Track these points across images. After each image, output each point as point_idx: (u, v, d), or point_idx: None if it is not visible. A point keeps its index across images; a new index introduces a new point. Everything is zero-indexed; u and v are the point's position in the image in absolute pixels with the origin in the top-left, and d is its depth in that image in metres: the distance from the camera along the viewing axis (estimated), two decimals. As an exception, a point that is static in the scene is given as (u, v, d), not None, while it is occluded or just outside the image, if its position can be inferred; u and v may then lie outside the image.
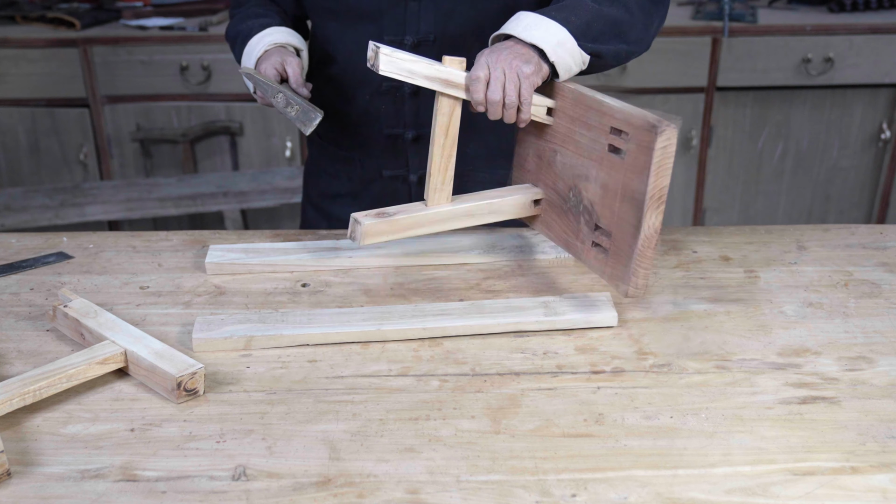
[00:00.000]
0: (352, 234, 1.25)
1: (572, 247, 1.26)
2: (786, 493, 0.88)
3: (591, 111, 1.20)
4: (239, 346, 1.14)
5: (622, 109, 1.14)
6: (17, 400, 0.99)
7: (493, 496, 0.88)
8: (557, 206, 1.28)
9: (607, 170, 1.17)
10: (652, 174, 1.09)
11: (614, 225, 1.16)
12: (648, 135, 1.09)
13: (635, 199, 1.11)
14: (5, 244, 1.43)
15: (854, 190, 3.13)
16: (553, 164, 1.28)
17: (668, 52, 2.90)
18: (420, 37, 1.47)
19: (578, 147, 1.22)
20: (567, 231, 1.26)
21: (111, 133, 3.00)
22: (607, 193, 1.17)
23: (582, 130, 1.21)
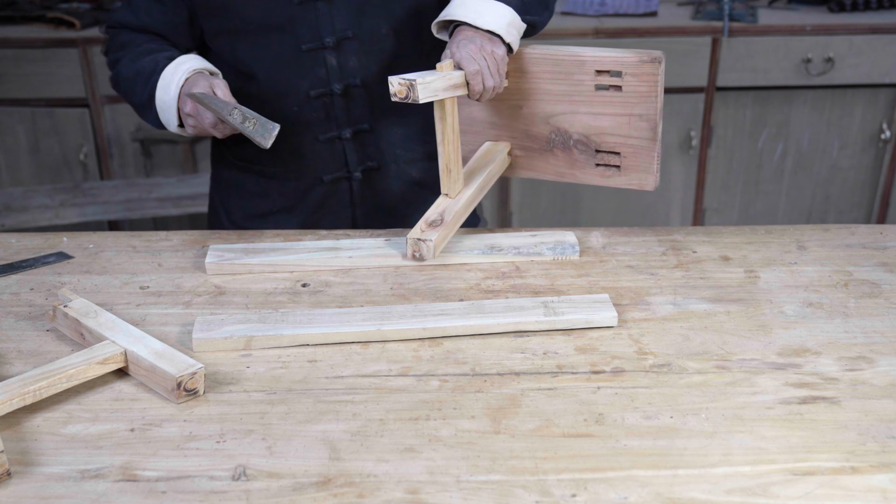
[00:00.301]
0: (417, 254, 1.32)
1: (568, 175, 1.48)
2: (786, 493, 0.88)
3: (563, 63, 1.39)
4: (239, 346, 1.14)
5: (609, 55, 1.37)
6: (17, 400, 0.99)
7: (493, 496, 0.88)
8: (536, 149, 1.47)
9: (601, 105, 1.40)
10: (658, 96, 1.36)
11: (622, 145, 1.42)
12: (650, 66, 1.35)
13: (646, 118, 1.38)
14: (5, 244, 1.43)
15: (854, 190, 3.13)
16: (518, 116, 1.46)
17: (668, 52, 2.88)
18: (339, 35, 1.48)
19: (550, 95, 1.42)
20: (558, 164, 1.47)
21: (111, 133, 3.00)
22: (608, 124, 1.41)
23: (555, 80, 1.41)
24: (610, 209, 3.13)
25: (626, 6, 3.05)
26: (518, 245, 1.38)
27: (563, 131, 1.43)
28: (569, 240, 1.39)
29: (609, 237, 1.45)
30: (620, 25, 2.90)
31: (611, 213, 3.13)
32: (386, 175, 1.60)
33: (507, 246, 1.38)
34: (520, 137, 1.47)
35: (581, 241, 1.43)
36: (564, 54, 1.38)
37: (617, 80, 1.37)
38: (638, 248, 1.41)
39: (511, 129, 1.47)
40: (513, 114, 1.45)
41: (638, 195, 3.10)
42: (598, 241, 1.44)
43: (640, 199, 3.11)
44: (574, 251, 1.37)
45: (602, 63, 1.37)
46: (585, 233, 1.46)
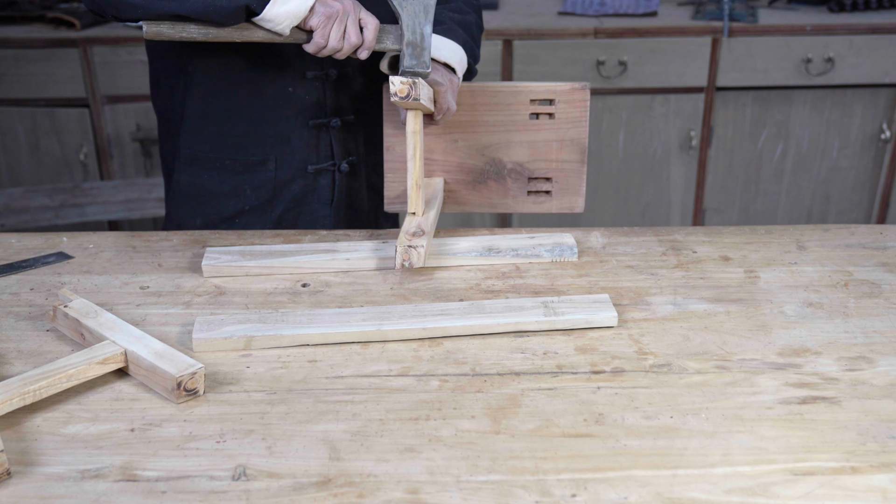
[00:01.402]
0: (406, 262, 1.30)
1: (500, 205, 1.54)
2: (786, 493, 0.88)
3: (500, 95, 1.48)
4: (239, 346, 1.14)
5: (541, 85, 1.49)
6: (17, 400, 0.99)
7: (493, 496, 0.88)
8: (469, 182, 1.52)
9: (534, 133, 1.50)
10: (586, 121, 1.49)
11: (554, 170, 1.52)
12: (580, 93, 1.48)
13: (577, 142, 1.50)
14: (5, 244, 1.43)
15: (854, 190, 3.13)
16: (454, 150, 1.51)
17: (668, 52, 2.90)
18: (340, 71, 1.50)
19: (486, 126, 1.50)
20: (491, 195, 1.53)
21: (111, 133, 3.00)
22: (538, 150, 1.50)
23: (494, 113, 1.49)
24: (610, 209, 3.13)
25: (626, 6, 3.05)
26: (516, 247, 1.38)
27: (497, 161, 1.51)
28: (567, 241, 1.39)
29: (609, 237, 1.45)
30: (620, 25, 2.90)
31: (611, 213, 3.13)
32: (362, 173, 1.61)
33: (506, 248, 1.38)
34: (454, 171, 1.52)
35: (581, 242, 1.43)
36: (501, 87, 1.49)
37: (549, 108, 1.48)
38: (638, 248, 1.41)
39: (446, 163, 1.52)
40: (448, 147, 1.51)
41: (637, 195, 3.10)
42: (598, 242, 1.44)
43: (639, 199, 3.11)
44: (572, 253, 1.37)
45: (536, 92, 1.48)
46: (585, 233, 1.46)
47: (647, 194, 3.10)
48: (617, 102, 2.97)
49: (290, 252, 1.35)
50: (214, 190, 1.53)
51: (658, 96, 2.96)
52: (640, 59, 2.91)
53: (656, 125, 3.00)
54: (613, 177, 3.08)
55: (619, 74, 2.92)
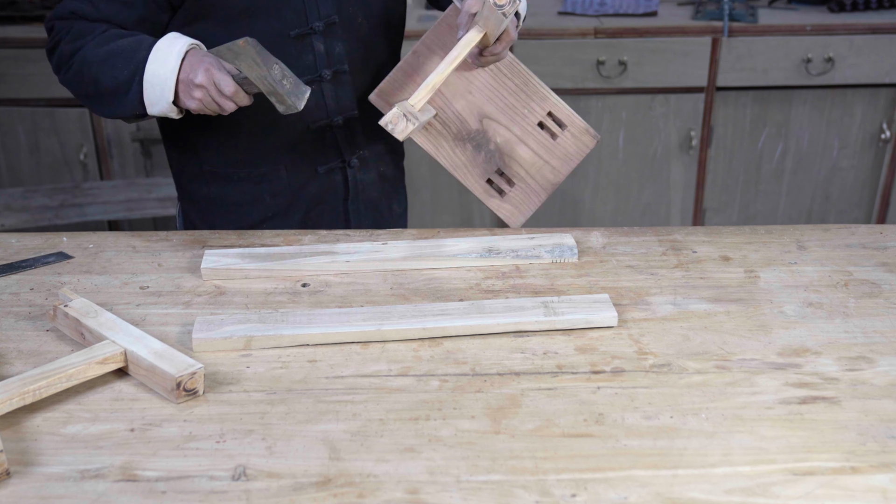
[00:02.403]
0: (391, 125, 1.29)
1: (460, 170, 1.54)
2: (786, 493, 0.88)
3: (530, 87, 1.51)
4: (239, 346, 1.13)
5: (566, 108, 1.52)
6: (17, 400, 0.99)
7: (493, 496, 0.88)
8: (452, 132, 1.52)
9: (531, 138, 1.52)
10: (576, 164, 1.54)
11: (521, 181, 1.54)
12: (588, 138, 1.53)
13: (556, 172, 1.54)
14: (5, 244, 1.43)
15: (854, 190, 3.13)
16: (464, 98, 1.51)
17: (668, 52, 2.90)
18: (325, 19, 1.47)
19: (504, 103, 1.51)
20: (459, 156, 1.53)
21: (111, 133, 3.00)
22: (525, 156, 1.53)
23: (517, 97, 1.51)
24: (610, 209, 3.13)
25: (626, 6, 3.05)
26: (516, 248, 1.38)
27: (486, 135, 1.52)
28: (567, 242, 1.39)
29: (609, 237, 1.45)
30: (620, 25, 2.90)
31: (611, 213, 3.13)
32: (373, 165, 1.63)
33: (506, 249, 1.37)
34: (450, 115, 1.51)
35: (581, 242, 1.43)
36: (536, 82, 1.51)
37: (557, 130, 1.52)
38: (638, 248, 1.41)
39: (447, 103, 1.51)
40: (460, 91, 1.50)
41: (637, 195, 3.10)
42: (598, 242, 1.44)
43: (639, 199, 3.11)
44: (572, 254, 1.37)
45: (559, 111, 1.52)
46: (585, 233, 1.46)
47: (647, 194, 3.10)
48: (617, 102, 2.97)
49: (290, 255, 1.35)
50: (238, 200, 1.58)
51: (658, 96, 2.96)
52: (640, 59, 2.90)
53: (656, 125, 3.00)
54: (613, 177, 3.08)
55: (619, 74, 2.92)
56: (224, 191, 1.57)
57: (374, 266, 1.34)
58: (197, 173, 1.58)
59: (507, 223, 1.53)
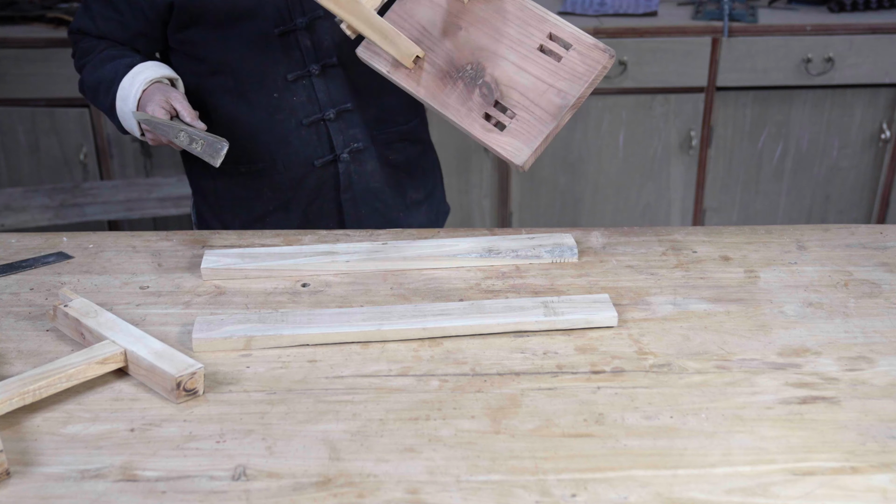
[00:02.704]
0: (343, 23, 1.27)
1: (452, 110, 1.38)
2: (786, 493, 0.88)
3: (525, 12, 1.36)
4: (239, 346, 1.14)
5: (569, 27, 1.34)
6: (17, 400, 0.99)
7: (493, 496, 0.88)
8: (442, 72, 1.39)
9: (531, 63, 1.35)
10: (588, 84, 1.31)
11: (523, 108, 1.35)
12: (599, 53, 1.31)
13: (563, 95, 1.32)
14: (5, 244, 1.43)
15: (854, 190, 3.13)
16: (453, 36, 1.39)
17: (668, 52, 2.90)
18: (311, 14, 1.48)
19: (497, 33, 1.37)
20: (450, 95, 1.38)
21: (111, 133, 3.00)
22: (526, 83, 1.35)
23: (510, 23, 1.37)
24: (610, 209, 3.13)
25: (626, 6, 3.05)
26: (516, 248, 1.38)
27: (480, 67, 1.38)
28: (567, 242, 1.39)
29: (609, 237, 1.45)
30: (620, 25, 2.90)
31: (611, 213, 3.13)
32: (370, 157, 1.62)
33: (506, 249, 1.37)
34: (436, 54, 1.40)
35: (581, 242, 1.43)
36: (532, 6, 1.37)
37: (562, 51, 1.34)
38: (638, 248, 1.41)
39: (437, 43, 1.40)
40: (449, 30, 1.40)
41: (637, 195, 3.10)
42: (598, 242, 1.44)
43: (639, 199, 3.11)
44: (573, 254, 1.37)
45: (560, 30, 1.35)
46: (585, 233, 1.46)
47: (647, 194, 3.10)
48: (617, 102, 2.97)
49: (290, 255, 1.35)
50: (242, 194, 1.61)
51: (658, 96, 2.96)
52: (640, 59, 2.90)
53: (656, 125, 3.00)
54: (613, 177, 3.08)
55: (619, 74, 2.92)
56: (228, 185, 1.62)
57: (374, 266, 1.34)
58: (203, 168, 1.63)
59: (513, 160, 1.32)
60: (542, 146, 1.31)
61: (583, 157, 3.05)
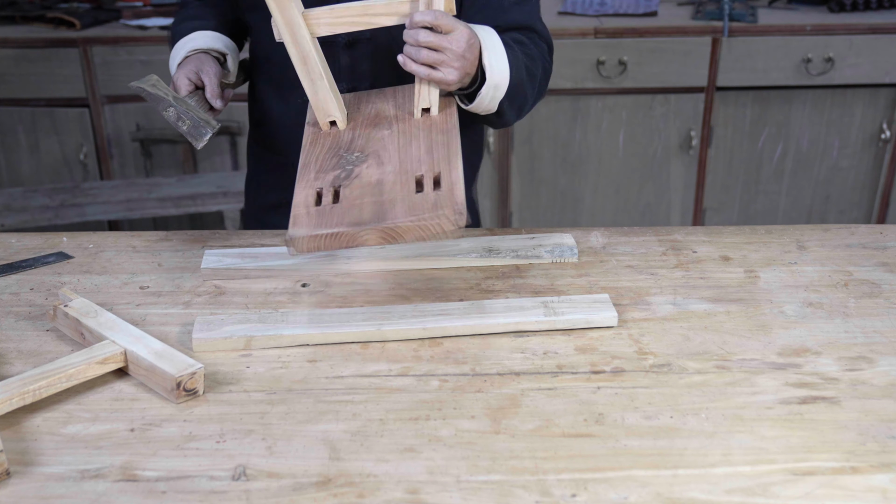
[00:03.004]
0: None
1: (305, 166, 1.25)
2: (786, 493, 0.88)
3: (440, 150, 1.22)
4: (239, 346, 1.13)
5: (459, 180, 1.15)
6: (17, 399, 0.99)
7: (493, 496, 0.88)
8: (336, 143, 1.29)
9: (398, 183, 1.17)
10: (415, 225, 1.09)
11: (347, 202, 1.16)
12: (449, 217, 1.09)
13: (382, 216, 1.12)
14: (5, 244, 1.43)
15: (854, 190, 3.13)
16: (375, 129, 1.30)
17: (668, 52, 2.90)
18: (353, 35, 1.46)
19: (404, 149, 1.24)
20: (317, 156, 1.27)
21: (111, 133, 3.00)
22: (372, 185, 1.18)
23: (421, 145, 1.24)
24: (610, 209, 3.13)
25: (626, 6, 3.05)
26: (516, 248, 1.38)
27: (362, 160, 1.23)
28: (567, 242, 1.39)
29: (609, 237, 1.45)
30: (620, 25, 2.90)
31: (611, 213, 3.13)
32: None
33: (505, 249, 1.38)
34: (347, 133, 1.31)
35: (581, 242, 1.43)
36: (454, 146, 1.22)
37: (429, 188, 1.15)
38: (638, 248, 1.41)
39: (357, 126, 1.32)
40: (379, 123, 1.31)
41: (637, 195, 3.10)
42: (598, 241, 1.44)
43: (639, 199, 3.11)
44: (572, 254, 1.37)
45: (447, 177, 1.17)
46: (585, 233, 1.46)
47: (647, 194, 3.10)
48: (617, 102, 2.97)
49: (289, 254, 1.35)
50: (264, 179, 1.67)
51: (658, 96, 2.96)
52: (640, 59, 2.90)
53: (656, 125, 3.00)
54: (613, 177, 3.08)
55: (619, 74, 2.92)
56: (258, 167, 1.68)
57: (374, 266, 1.34)
58: (251, 142, 1.72)
59: (289, 230, 1.12)
60: (327, 242, 1.10)
61: (583, 157, 3.05)
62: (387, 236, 1.08)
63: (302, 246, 1.09)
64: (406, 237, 1.08)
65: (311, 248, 1.09)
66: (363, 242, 1.08)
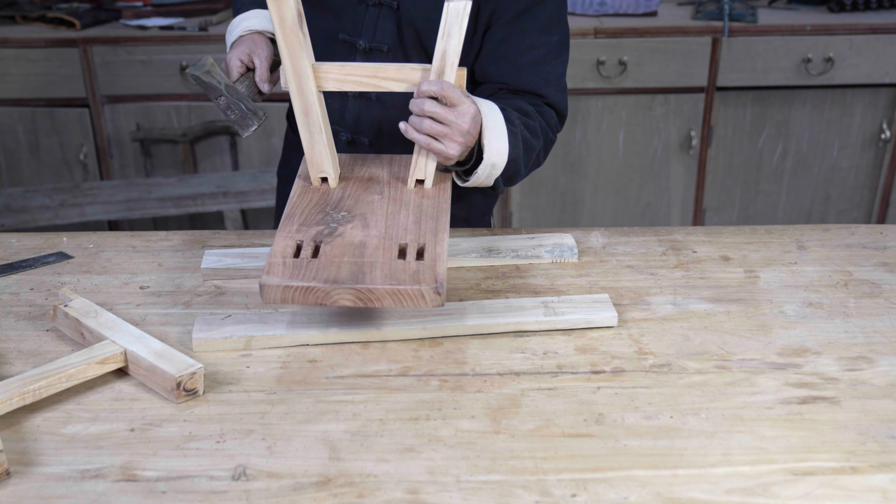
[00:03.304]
0: None
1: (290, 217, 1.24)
2: (786, 493, 0.88)
3: (427, 223, 1.23)
4: (239, 346, 1.13)
5: (442, 256, 1.15)
6: (17, 400, 0.99)
7: (493, 496, 0.88)
8: (323, 200, 1.28)
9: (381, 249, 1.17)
10: (389, 291, 1.08)
11: (325, 258, 1.15)
12: (428, 291, 1.08)
13: (360, 277, 1.11)
14: (5, 244, 1.43)
15: (854, 190, 3.13)
16: (367, 192, 1.31)
17: (668, 52, 2.90)
18: (373, 44, 1.45)
19: (392, 216, 1.24)
20: (303, 209, 1.26)
21: (111, 133, 3.00)
22: (353, 246, 1.17)
23: (410, 216, 1.24)
24: (610, 209, 3.13)
25: (626, 6, 3.05)
26: (516, 248, 1.38)
27: (348, 219, 1.23)
28: (567, 242, 1.39)
29: (609, 237, 1.45)
30: (620, 25, 2.90)
31: (611, 213, 3.13)
32: None
33: (506, 249, 1.38)
34: (336, 191, 1.31)
35: (581, 242, 1.43)
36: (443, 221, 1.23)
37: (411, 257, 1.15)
38: (638, 248, 1.41)
39: (348, 185, 1.33)
40: (370, 188, 1.32)
41: (637, 195, 3.10)
42: (598, 241, 1.44)
43: (639, 199, 3.11)
44: (573, 254, 1.37)
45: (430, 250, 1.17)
46: (585, 233, 1.46)
47: (647, 194, 3.10)
48: (617, 102, 2.97)
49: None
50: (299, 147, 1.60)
51: (658, 96, 2.96)
52: (640, 59, 2.90)
53: (656, 125, 3.00)
54: (613, 177, 3.08)
55: (619, 74, 2.92)
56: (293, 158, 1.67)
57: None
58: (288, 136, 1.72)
59: (261, 279, 1.09)
60: (299, 296, 1.08)
61: (583, 157, 3.05)
62: (361, 298, 1.08)
63: (273, 295, 1.08)
64: (381, 302, 1.08)
65: (282, 299, 1.08)
66: (335, 302, 1.08)
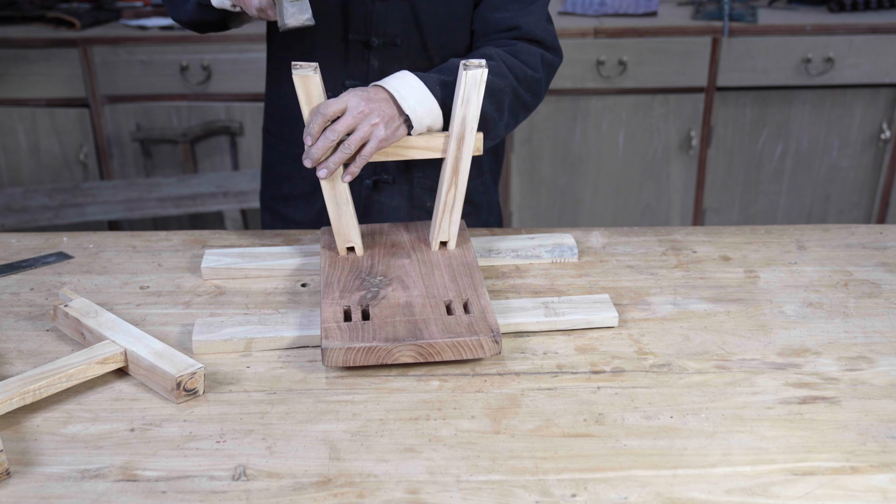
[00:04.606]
0: None
1: (328, 291, 1.22)
2: (786, 493, 0.88)
3: (464, 280, 1.24)
4: (239, 348, 1.13)
5: (486, 300, 1.17)
6: (17, 399, 0.99)
7: (493, 496, 0.88)
8: (357, 267, 1.28)
9: (427, 306, 1.18)
10: (448, 344, 1.09)
11: (378, 320, 1.15)
12: (483, 344, 1.10)
13: (418, 332, 1.12)
14: (5, 244, 1.43)
15: (854, 190, 3.13)
16: (394, 257, 1.31)
17: (668, 52, 2.90)
18: (386, 39, 1.45)
19: (428, 276, 1.25)
20: (339, 277, 1.25)
21: (111, 133, 3.00)
22: (402, 306, 1.18)
23: (444, 273, 1.25)
24: (610, 209, 3.13)
25: (626, 6, 3.05)
26: (516, 248, 1.38)
27: (386, 283, 1.24)
28: (567, 242, 1.39)
29: (609, 237, 1.45)
30: (620, 25, 2.90)
31: (611, 213, 3.13)
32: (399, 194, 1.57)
33: (506, 249, 1.38)
34: (366, 258, 1.31)
35: (581, 242, 1.43)
36: (479, 277, 1.23)
37: (459, 311, 1.16)
38: (638, 248, 1.41)
39: (374, 253, 1.33)
40: (397, 252, 1.32)
41: (637, 195, 3.10)
42: (598, 241, 1.44)
43: (639, 199, 3.11)
44: (572, 254, 1.37)
45: (475, 303, 1.18)
46: (585, 233, 1.46)
47: (647, 194, 3.10)
48: (617, 102, 2.97)
49: (290, 254, 1.35)
50: (280, 169, 1.63)
51: (658, 96, 2.96)
52: (640, 59, 2.90)
53: (656, 125, 3.00)
54: (613, 177, 3.08)
55: (619, 74, 2.92)
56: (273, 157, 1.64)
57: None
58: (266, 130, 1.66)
59: (322, 343, 1.08)
60: (362, 357, 1.08)
61: (583, 157, 3.05)
62: (422, 353, 1.08)
63: (335, 359, 1.07)
64: (441, 355, 1.08)
65: (345, 361, 1.08)
66: (397, 359, 1.08)
